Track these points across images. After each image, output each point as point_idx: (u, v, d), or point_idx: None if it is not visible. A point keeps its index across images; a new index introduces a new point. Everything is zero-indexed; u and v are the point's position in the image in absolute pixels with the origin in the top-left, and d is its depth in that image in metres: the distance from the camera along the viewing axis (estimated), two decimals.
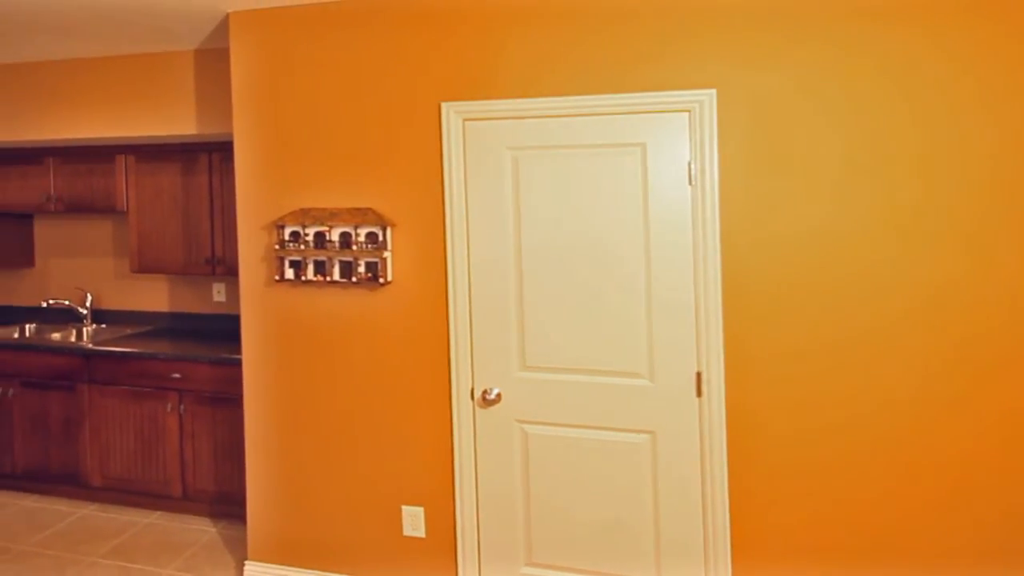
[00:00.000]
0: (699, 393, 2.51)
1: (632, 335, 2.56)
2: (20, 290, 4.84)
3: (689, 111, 2.47)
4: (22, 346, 4.04)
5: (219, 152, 3.98)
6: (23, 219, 4.72)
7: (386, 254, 2.82)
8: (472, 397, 2.74)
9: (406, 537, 2.85)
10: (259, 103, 3.03)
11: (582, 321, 2.61)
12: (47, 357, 3.99)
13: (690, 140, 2.47)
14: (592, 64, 2.58)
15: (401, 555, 2.86)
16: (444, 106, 2.74)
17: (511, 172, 2.68)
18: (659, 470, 2.56)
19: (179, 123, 3.77)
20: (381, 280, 2.81)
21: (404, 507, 2.84)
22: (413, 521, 2.83)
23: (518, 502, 2.71)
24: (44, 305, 4.52)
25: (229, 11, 3.08)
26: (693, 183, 2.48)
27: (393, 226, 2.84)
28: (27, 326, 4.60)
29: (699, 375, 2.51)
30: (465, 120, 2.73)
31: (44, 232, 4.78)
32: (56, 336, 4.27)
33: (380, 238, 2.82)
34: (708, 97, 2.45)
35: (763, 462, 2.48)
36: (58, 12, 3.17)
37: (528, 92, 2.65)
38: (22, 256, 4.73)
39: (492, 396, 2.67)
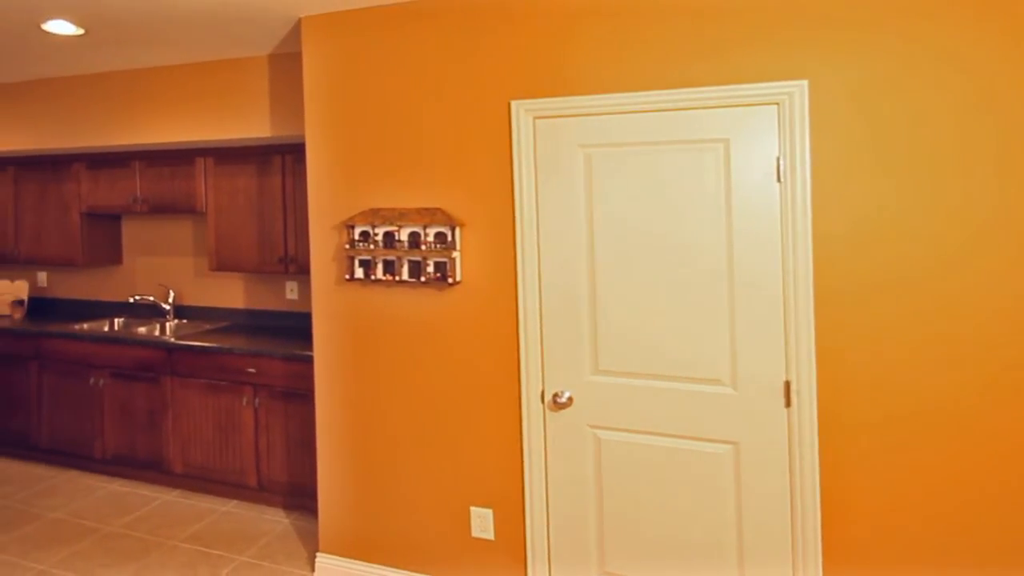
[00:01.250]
0: (788, 404, 2.24)
1: (713, 341, 2.32)
2: (110, 286, 4.89)
3: (778, 104, 2.21)
4: (111, 339, 4.05)
5: (292, 154, 3.89)
6: (113, 219, 4.75)
7: (455, 254, 2.66)
8: (542, 400, 2.55)
9: (474, 538, 2.68)
10: (330, 105, 2.90)
11: (658, 325, 2.38)
12: (134, 350, 3.99)
13: (779, 135, 2.21)
14: (670, 57, 2.34)
15: (469, 556, 2.70)
16: (514, 104, 2.55)
17: (583, 170, 2.47)
18: (743, 482, 2.31)
19: (254, 126, 3.70)
20: (450, 280, 2.65)
21: (473, 508, 2.68)
22: (482, 523, 2.66)
23: (590, 509, 2.51)
24: (131, 301, 4.54)
25: (302, 16, 2.97)
26: (782, 180, 2.21)
27: (462, 226, 2.67)
28: (116, 320, 4.64)
29: (788, 384, 2.24)
30: (535, 118, 2.53)
31: (131, 232, 4.81)
32: (142, 330, 4.28)
33: (449, 238, 2.66)
34: (799, 88, 2.18)
35: (859, 477, 2.20)
36: (148, 23, 3.13)
37: (601, 88, 2.44)
38: (112, 254, 4.76)
39: (563, 399, 2.48)
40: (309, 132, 2.95)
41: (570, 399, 2.48)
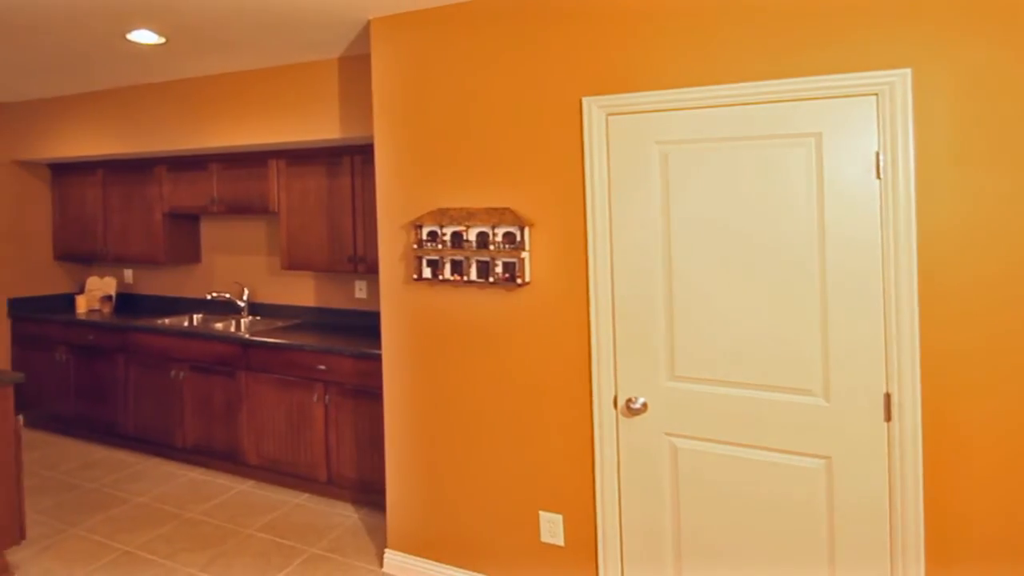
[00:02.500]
0: (888, 418, 1.99)
1: (802, 349, 2.09)
2: (189, 283, 4.94)
3: (877, 94, 1.96)
4: (191, 334, 4.07)
5: (360, 154, 3.80)
6: (192, 220, 4.79)
7: (524, 254, 2.50)
8: (615, 405, 2.37)
9: (544, 544, 2.53)
10: (398, 105, 2.79)
11: (741, 331, 2.16)
12: (211, 345, 3.99)
13: (878, 128, 1.96)
14: (755, 48, 2.12)
15: (538, 561, 2.55)
16: (585, 101, 2.38)
17: (659, 168, 2.28)
18: (836, 500, 2.07)
19: (324, 128, 3.63)
20: (519, 280, 2.50)
21: (542, 512, 2.52)
22: (551, 528, 2.51)
23: (666, 519, 2.32)
24: (208, 297, 4.57)
25: (371, 17, 2.87)
26: (882, 176, 1.97)
27: (531, 226, 2.51)
28: (194, 316, 4.67)
29: (888, 397, 1.99)
30: (608, 115, 2.35)
31: (209, 231, 4.84)
32: (219, 326, 4.29)
33: (518, 238, 2.51)
34: (900, 78, 1.92)
35: (970, 497, 1.94)
36: (224, 30, 3.09)
37: (680, 82, 2.24)
38: (191, 253, 4.81)
39: (637, 405, 2.29)
40: (378, 133, 2.85)
41: (644, 405, 2.30)
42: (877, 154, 1.97)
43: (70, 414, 4.63)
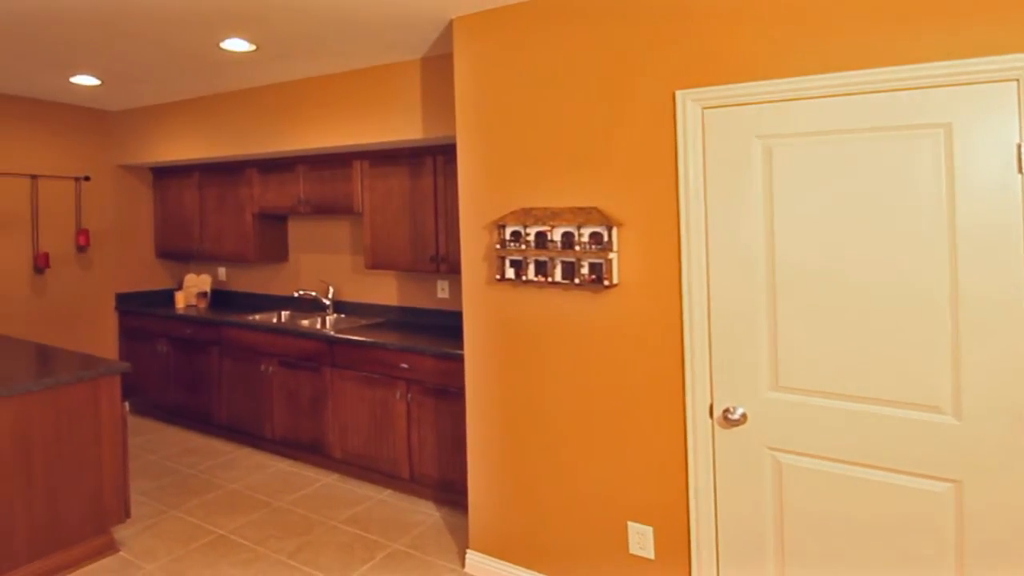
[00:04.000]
0: None
1: (928, 361, 1.87)
2: (277, 281, 5.07)
3: (1017, 80, 1.73)
4: (279, 330, 4.16)
5: (443, 155, 3.77)
6: (280, 220, 4.91)
7: (611, 255, 2.38)
8: (711, 415, 2.22)
9: (632, 555, 2.41)
10: (481, 104, 2.72)
11: (855, 339, 1.97)
12: (298, 341, 4.07)
13: (1020, 117, 1.73)
14: (870, 31, 1.92)
15: (626, 573, 2.42)
16: (679, 95, 2.23)
17: (761, 163, 2.10)
18: (967, 528, 1.85)
19: (407, 128, 3.61)
20: (606, 282, 2.38)
21: (631, 523, 2.41)
22: (640, 540, 2.39)
23: (768, 539, 2.15)
24: (295, 295, 4.67)
25: (453, 17, 2.81)
26: None
27: (619, 226, 2.39)
28: (282, 313, 4.79)
29: None
30: (704, 108, 2.19)
31: (295, 231, 4.94)
32: (305, 323, 4.37)
33: (605, 238, 2.39)
34: None
35: None
36: (312, 36, 3.12)
37: (784, 71, 2.06)
38: (279, 252, 4.93)
39: (735, 416, 2.14)
40: (460, 132, 2.79)
41: (743, 416, 2.14)
42: (1019, 146, 1.74)
43: (170, 403, 4.85)
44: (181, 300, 5.12)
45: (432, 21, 2.94)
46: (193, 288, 5.24)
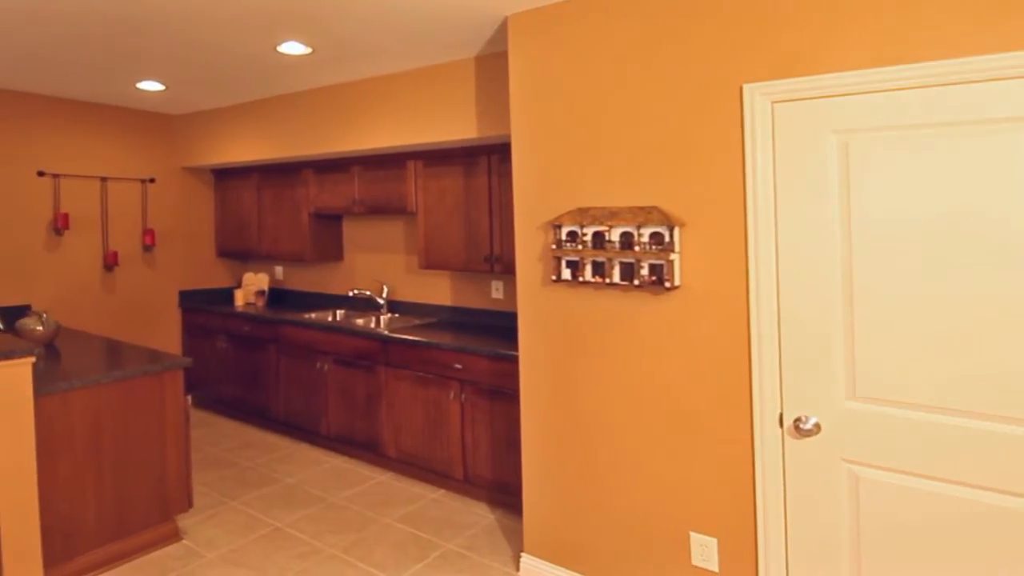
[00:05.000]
0: None
1: None
2: (333, 280, 5.13)
3: None
4: (335, 328, 4.20)
5: (497, 154, 3.73)
6: (335, 220, 4.97)
7: (673, 256, 2.29)
8: (781, 424, 2.11)
9: (695, 567, 2.32)
10: (536, 102, 2.66)
11: (943, 348, 1.83)
12: (353, 340, 4.10)
13: None
14: (962, 17, 1.78)
15: None
16: (747, 88, 2.12)
17: (837, 159, 1.98)
18: None
19: (461, 128, 3.58)
20: (667, 284, 2.29)
21: (693, 533, 2.32)
22: (704, 552, 2.30)
23: (842, 555, 2.02)
24: (350, 294, 4.72)
25: (508, 14, 2.76)
26: None
27: (681, 226, 2.30)
28: (337, 311, 4.85)
29: None
30: (774, 102, 2.08)
31: (350, 231, 4.99)
32: (359, 322, 4.41)
33: (666, 239, 2.30)
34: None
35: None
36: (366, 37, 3.12)
37: (863, 62, 1.93)
38: (335, 251, 4.99)
39: (807, 426, 2.02)
40: (515, 130, 2.74)
41: (816, 426, 2.02)
42: None
43: (230, 397, 4.98)
44: (240, 298, 5.24)
45: (486, 19, 2.90)
46: (251, 286, 5.36)
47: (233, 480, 3.84)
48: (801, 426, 2.03)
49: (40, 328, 3.45)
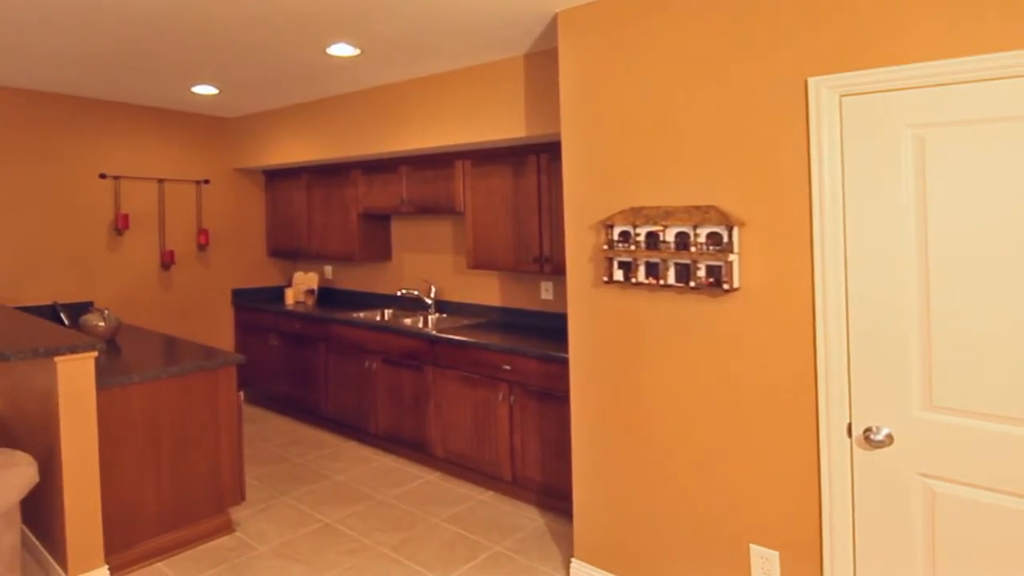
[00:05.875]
0: None
1: None
2: (381, 279, 5.18)
3: None
4: (383, 328, 4.24)
5: (547, 153, 3.69)
6: (383, 220, 5.02)
7: (732, 257, 2.22)
8: (849, 434, 2.02)
9: None
10: (587, 99, 2.61)
11: None
12: (401, 339, 4.13)
13: None
14: None
15: None
16: (812, 82, 2.03)
17: (912, 155, 1.88)
18: None
19: (510, 127, 3.56)
20: (725, 286, 2.22)
21: (753, 546, 2.24)
22: (765, 565, 2.21)
23: (915, 573, 1.92)
24: (398, 294, 4.76)
25: (558, 11, 2.72)
26: None
27: (741, 225, 2.22)
28: (385, 311, 4.90)
29: None
30: (842, 96, 1.99)
31: (398, 231, 5.03)
32: (407, 322, 4.44)
33: (725, 239, 2.23)
34: None
35: None
36: (415, 37, 3.13)
37: (940, 52, 1.82)
38: (383, 251, 5.04)
39: (879, 437, 1.92)
40: (565, 129, 2.70)
41: (888, 437, 1.92)
42: None
43: (280, 394, 5.09)
44: (290, 297, 5.35)
45: (536, 16, 2.86)
46: (301, 285, 5.46)
47: (284, 475, 3.92)
48: (872, 437, 1.93)
49: (102, 324, 3.58)
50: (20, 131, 4.33)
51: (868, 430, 1.95)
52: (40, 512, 2.88)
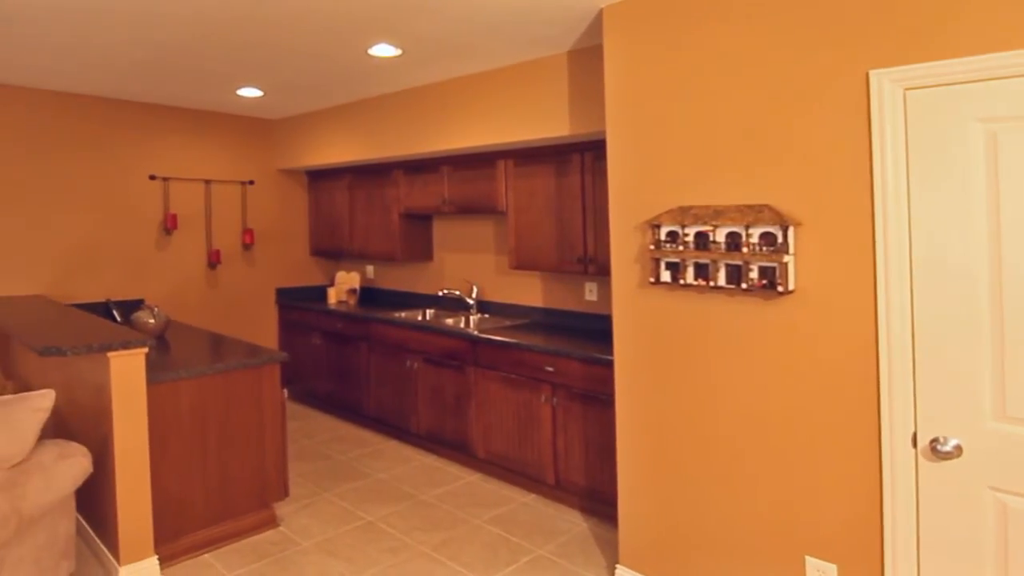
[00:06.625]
0: None
1: None
2: (423, 279, 5.22)
3: None
4: (424, 328, 4.26)
5: (591, 151, 3.64)
6: (425, 219, 5.04)
7: (787, 258, 2.15)
8: (914, 445, 1.93)
9: None
10: (633, 96, 2.57)
11: None
12: (442, 339, 4.15)
13: None
14: None
15: None
16: (874, 75, 1.95)
17: (984, 152, 1.79)
18: None
19: (553, 125, 3.53)
20: (780, 288, 2.15)
21: (808, 558, 2.17)
22: None
23: None
24: (440, 294, 4.78)
25: (603, 6, 2.68)
26: None
27: (796, 225, 2.15)
28: (427, 311, 4.93)
29: None
30: (906, 89, 1.90)
31: (440, 231, 5.06)
32: (449, 322, 4.45)
33: (779, 239, 2.16)
34: None
35: None
36: (457, 36, 3.13)
37: (1016, 42, 1.72)
38: (424, 251, 5.07)
39: (946, 448, 1.84)
40: (610, 127, 2.66)
41: (957, 448, 1.84)
42: None
43: (323, 392, 5.17)
44: (333, 296, 5.43)
45: (580, 12, 2.83)
46: (344, 285, 5.54)
47: (326, 472, 3.98)
48: (938, 448, 1.85)
49: (152, 321, 3.69)
50: (75, 135, 4.50)
51: (935, 440, 1.86)
52: (93, 502, 2.99)
